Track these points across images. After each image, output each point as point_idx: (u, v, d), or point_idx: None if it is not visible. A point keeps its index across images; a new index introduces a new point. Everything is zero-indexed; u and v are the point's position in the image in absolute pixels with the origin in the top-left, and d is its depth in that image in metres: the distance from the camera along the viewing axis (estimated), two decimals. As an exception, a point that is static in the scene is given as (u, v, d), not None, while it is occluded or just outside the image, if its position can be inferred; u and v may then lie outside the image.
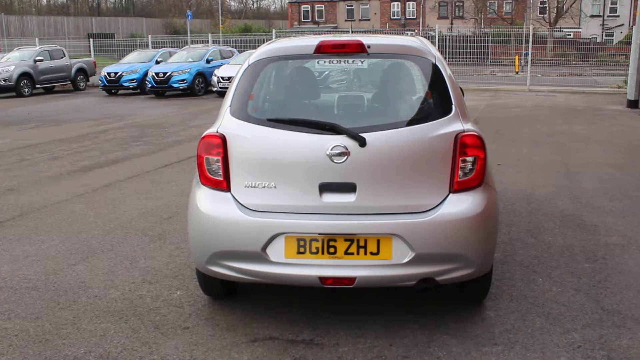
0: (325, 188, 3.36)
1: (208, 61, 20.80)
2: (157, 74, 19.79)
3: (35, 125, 13.53)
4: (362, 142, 3.30)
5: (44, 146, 10.56)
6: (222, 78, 18.69)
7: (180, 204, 6.36)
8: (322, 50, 3.60)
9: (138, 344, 3.51)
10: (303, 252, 3.34)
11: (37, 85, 21.43)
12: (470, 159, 3.41)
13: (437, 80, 3.61)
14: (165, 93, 20.32)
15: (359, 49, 3.57)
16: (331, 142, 3.33)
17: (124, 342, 3.53)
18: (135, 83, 20.88)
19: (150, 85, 19.98)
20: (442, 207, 3.36)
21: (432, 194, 3.39)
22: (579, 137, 10.76)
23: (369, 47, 3.56)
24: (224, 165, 3.48)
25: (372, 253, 3.32)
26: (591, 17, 51.03)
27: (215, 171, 3.51)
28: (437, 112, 3.51)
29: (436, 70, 3.62)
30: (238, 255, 3.42)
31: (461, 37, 28.79)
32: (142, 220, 5.95)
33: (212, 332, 3.63)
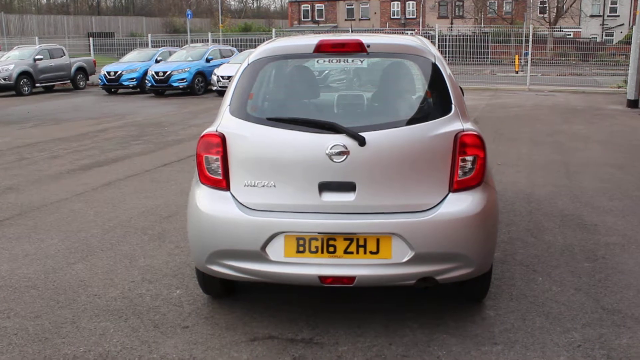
0: (324, 187, 3.36)
1: (208, 60, 20.81)
2: (156, 73, 19.80)
3: (35, 124, 13.52)
4: (361, 142, 3.30)
5: (44, 145, 10.56)
6: (222, 77, 18.69)
7: (180, 203, 6.36)
8: (322, 49, 3.59)
9: (137, 342, 3.51)
10: (302, 251, 3.34)
11: (37, 84, 21.42)
12: (469, 158, 3.41)
13: (436, 80, 3.60)
14: (165, 92, 20.32)
15: (358, 49, 3.56)
16: (331, 141, 3.32)
17: (124, 341, 3.53)
18: (135, 82, 20.88)
19: (150, 84, 19.98)
20: (441, 207, 3.35)
21: (431, 193, 3.38)
22: (579, 137, 10.76)
23: (368, 46, 3.55)
24: (223, 164, 3.48)
25: (371, 252, 3.32)
26: (591, 16, 51.01)
27: (215, 170, 3.50)
28: (437, 112, 3.50)
29: (436, 69, 3.61)
30: (237, 254, 3.42)
31: (461, 37, 28.78)
32: (141, 219, 5.95)
33: (211, 331, 3.63)
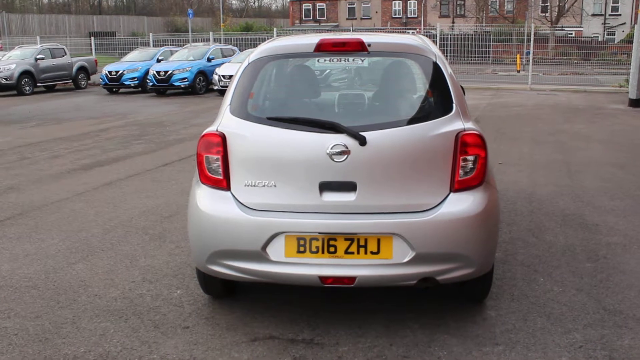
0: (325, 187, 3.34)
1: (209, 60, 20.81)
2: (158, 72, 19.80)
3: (36, 123, 13.53)
4: (362, 141, 3.28)
5: (45, 144, 10.56)
6: (223, 76, 18.69)
7: (181, 203, 6.35)
8: (323, 48, 3.58)
9: (138, 343, 3.50)
10: (303, 252, 3.33)
11: (38, 84, 21.45)
12: (471, 158, 3.39)
13: (437, 79, 3.59)
14: (167, 91, 20.32)
15: (359, 48, 3.55)
16: (331, 140, 3.31)
17: (124, 341, 3.52)
18: (137, 81, 20.89)
19: (151, 84, 19.99)
20: (442, 207, 3.34)
21: (432, 193, 3.37)
22: (581, 136, 10.73)
23: (369, 45, 3.54)
24: (223, 164, 3.47)
25: (372, 252, 3.30)
26: (593, 15, 50.96)
27: (215, 170, 3.49)
28: (438, 111, 3.49)
29: (437, 68, 3.60)
30: (238, 255, 3.41)
31: (463, 36, 28.76)
32: (142, 218, 5.94)
33: (212, 332, 3.62)
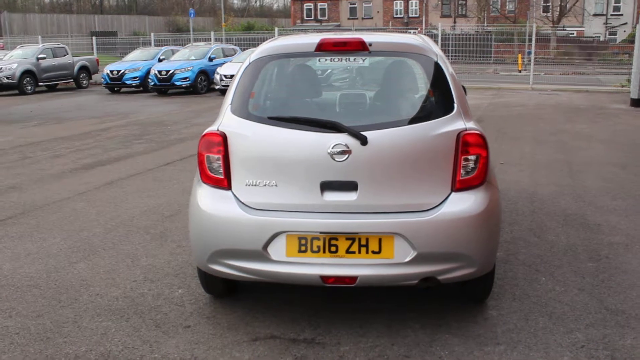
0: (326, 186, 3.34)
1: (210, 59, 20.80)
2: (159, 71, 19.81)
3: (38, 123, 13.54)
4: (363, 141, 3.28)
5: (47, 144, 10.56)
6: (225, 76, 18.68)
7: (182, 202, 6.35)
8: (324, 48, 3.57)
9: (139, 342, 3.50)
10: (304, 251, 3.32)
11: (40, 83, 21.46)
12: (472, 157, 3.39)
13: (438, 79, 3.58)
14: (168, 91, 20.32)
15: (360, 47, 3.54)
16: (332, 140, 3.31)
17: (125, 341, 3.52)
18: (138, 81, 20.89)
19: (152, 83, 19.99)
20: (444, 206, 3.34)
21: (434, 192, 3.37)
22: (582, 136, 10.72)
23: (370, 45, 3.53)
24: (224, 164, 3.47)
25: (373, 252, 3.30)
26: (594, 15, 50.91)
27: (216, 169, 3.49)
28: (439, 111, 3.48)
29: (438, 68, 3.59)
30: (239, 254, 3.41)
31: (464, 36, 28.75)
32: (143, 218, 5.94)
33: (213, 331, 3.62)
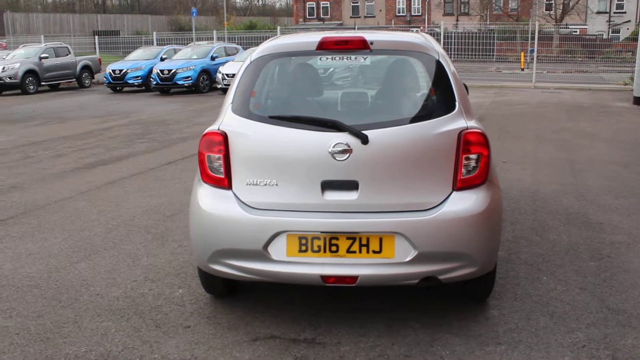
0: (327, 186, 3.33)
1: (213, 58, 20.81)
2: (161, 71, 19.82)
3: (40, 122, 13.55)
4: (364, 140, 3.27)
5: (49, 143, 10.57)
6: (227, 75, 18.68)
7: (184, 202, 6.34)
8: (325, 46, 3.56)
9: (139, 342, 3.50)
10: (305, 251, 3.31)
11: (42, 83, 21.51)
12: (473, 156, 3.37)
13: (440, 77, 3.56)
14: (170, 90, 20.33)
15: (361, 46, 3.53)
16: (333, 139, 3.29)
17: (125, 341, 3.51)
18: (140, 80, 20.92)
19: (155, 83, 20.01)
20: (445, 205, 3.32)
21: (435, 191, 3.35)
22: (585, 134, 10.69)
23: (371, 43, 3.51)
24: (225, 163, 3.46)
25: (374, 251, 3.29)
26: (597, 13, 50.78)
27: (217, 169, 3.48)
28: (441, 109, 3.47)
29: (439, 66, 3.58)
30: (239, 254, 3.40)
31: (467, 34, 28.69)
32: (145, 217, 5.94)
33: (213, 331, 3.61)
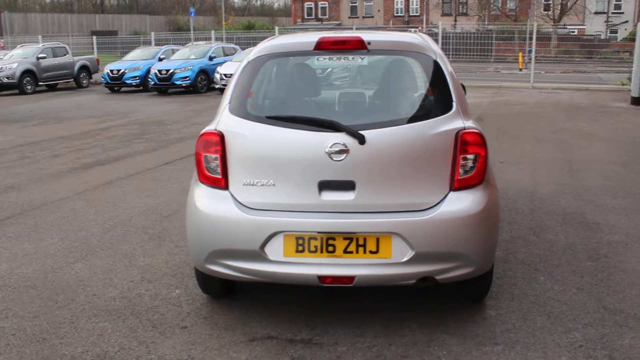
0: (324, 186, 3.32)
1: (211, 58, 20.79)
2: (159, 71, 19.80)
3: (38, 122, 13.53)
4: (361, 140, 3.26)
5: (46, 143, 10.55)
6: (225, 75, 18.64)
7: (181, 202, 6.32)
8: (322, 46, 3.55)
9: (135, 343, 3.49)
10: (302, 251, 3.31)
11: (40, 83, 21.47)
12: (471, 156, 3.37)
13: (437, 77, 3.56)
14: (168, 90, 20.30)
15: (359, 46, 3.52)
16: (330, 139, 3.29)
17: (122, 342, 3.50)
18: (138, 80, 20.89)
19: (152, 83, 19.98)
20: (442, 205, 3.32)
21: (432, 192, 3.35)
22: (583, 135, 10.70)
23: (369, 43, 3.51)
24: (222, 163, 3.45)
25: (371, 252, 3.28)
26: (595, 13, 50.86)
27: (214, 169, 3.47)
28: (438, 109, 3.46)
29: (437, 66, 3.57)
30: (236, 254, 3.39)
31: (465, 34, 28.71)
32: (142, 218, 5.93)
33: (210, 331, 3.60)
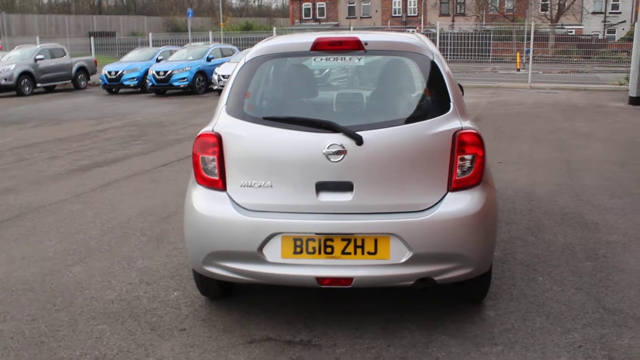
0: (322, 187, 3.32)
1: (209, 59, 20.77)
2: (157, 72, 19.78)
3: (36, 124, 13.50)
4: (358, 141, 3.26)
5: (44, 145, 10.53)
6: (223, 76, 18.61)
7: (179, 203, 6.31)
8: (319, 47, 3.55)
9: (134, 345, 3.48)
10: (300, 252, 3.30)
11: (38, 84, 21.42)
12: (468, 157, 3.37)
13: (435, 78, 3.56)
14: (166, 91, 20.29)
15: (355, 46, 3.52)
16: (328, 140, 3.28)
17: (120, 344, 3.50)
18: (136, 81, 20.86)
19: (150, 84, 19.96)
20: (440, 206, 3.31)
21: (430, 192, 3.34)
22: (580, 134, 10.70)
23: (365, 44, 3.51)
24: (219, 165, 3.44)
25: (369, 253, 3.28)
26: (593, 13, 50.91)
27: (211, 170, 3.47)
28: (435, 110, 3.46)
29: (434, 67, 3.57)
30: (234, 256, 3.38)
31: (463, 35, 28.69)
32: (140, 219, 5.92)
33: (208, 334, 3.59)
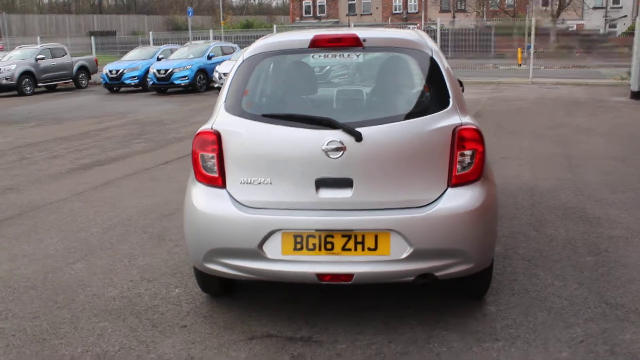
0: (321, 184, 3.31)
1: (209, 57, 20.76)
2: (158, 70, 19.78)
3: (37, 123, 13.52)
4: (358, 137, 3.25)
5: (45, 144, 10.55)
6: (224, 74, 18.60)
7: (180, 201, 6.24)
8: (317, 44, 3.55)
9: (135, 342, 3.49)
10: (300, 249, 3.30)
11: (39, 84, 21.45)
12: (468, 152, 3.36)
13: (434, 74, 3.55)
14: (167, 90, 20.27)
15: (354, 43, 3.51)
16: (327, 137, 3.28)
17: (122, 341, 3.50)
18: (137, 80, 20.87)
19: (151, 83, 19.97)
20: (440, 202, 3.31)
21: (430, 188, 3.34)
22: (582, 130, 10.68)
23: (364, 40, 3.50)
24: (219, 162, 3.44)
25: (370, 249, 3.28)
26: (594, 8, 50.79)
27: (210, 168, 3.47)
28: (435, 106, 3.45)
29: (433, 63, 3.56)
30: (234, 253, 3.39)
31: (463, 31, 28.68)
32: (141, 217, 5.92)
33: (209, 330, 3.60)
